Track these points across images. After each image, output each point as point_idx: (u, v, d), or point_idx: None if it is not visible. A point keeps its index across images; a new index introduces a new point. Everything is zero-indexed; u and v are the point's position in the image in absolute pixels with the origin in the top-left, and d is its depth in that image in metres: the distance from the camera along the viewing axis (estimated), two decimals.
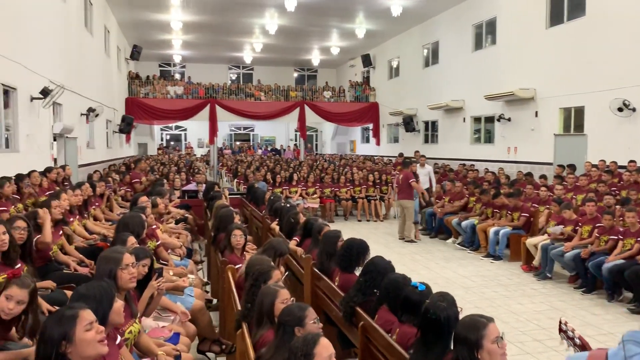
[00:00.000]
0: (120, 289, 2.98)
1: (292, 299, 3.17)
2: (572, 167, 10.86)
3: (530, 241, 8.35)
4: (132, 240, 4.00)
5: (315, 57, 28.36)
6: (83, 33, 14.09)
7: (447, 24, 19.12)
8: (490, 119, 16.51)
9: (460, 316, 2.83)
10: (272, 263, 4.10)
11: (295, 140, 33.51)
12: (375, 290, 3.81)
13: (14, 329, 3.00)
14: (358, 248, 4.31)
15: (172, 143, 34.00)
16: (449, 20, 18.96)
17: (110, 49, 18.84)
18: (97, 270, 3.06)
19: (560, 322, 2.82)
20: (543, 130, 13.88)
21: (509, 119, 15.35)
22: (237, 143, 34.90)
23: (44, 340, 2.10)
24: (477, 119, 17.47)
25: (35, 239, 4.50)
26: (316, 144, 35.55)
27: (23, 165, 8.00)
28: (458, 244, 10.16)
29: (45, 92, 9.10)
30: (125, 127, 19.98)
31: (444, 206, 11.05)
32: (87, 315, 2.17)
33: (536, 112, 14.18)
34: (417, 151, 15.43)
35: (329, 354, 2.33)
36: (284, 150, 31.84)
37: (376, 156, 24.05)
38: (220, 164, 24.36)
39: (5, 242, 3.72)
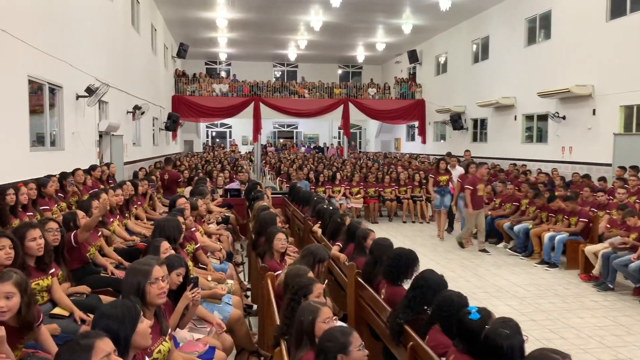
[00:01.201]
0: (148, 304, 2.77)
1: (335, 317, 2.90)
2: (636, 169, 10.12)
3: (590, 249, 7.80)
4: (165, 245, 3.81)
5: (360, 54, 27.96)
6: (130, 31, 14.22)
7: (498, 18, 18.40)
8: (543, 117, 15.76)
9: (526, 346, 2.50)
10: (312, 271, 3.85)
11: (339, 138, 33.25)
12: (425, 308, 3.50)
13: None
14: (407, 259, 3.99)
15: (217, 140, 34.34)
16: (500, 15, 18.25)
17: (157, 47, 19.04)
18: (124, 284, 2.87)
19: None
20: (601, 129, 13.10)
21: (563, 117, 14.59)
22: (281, 140, 34.92)
23: None
24: (529, 117, 16.73)
25: (73, 233, 4.39)
26: (360, 142, 35.17)
27: (68, 164, 8.03)
28: (509, 248, 9.64)
29: (90, 90, 9.14)
30: (171, 125, 20.18)
31: (495, 209, 10.55)
32: (104, 345, 1.96)
33: (594, 110, 13.39)
34: (467, 150, 14.88)
35: None
36: (327, 148, 31.61)
37: (422, 154, 23.49)
38: (264, 161, 24.39)
39: (42, 245, 3.60)
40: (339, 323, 3.31)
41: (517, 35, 17.05)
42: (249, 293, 6.33)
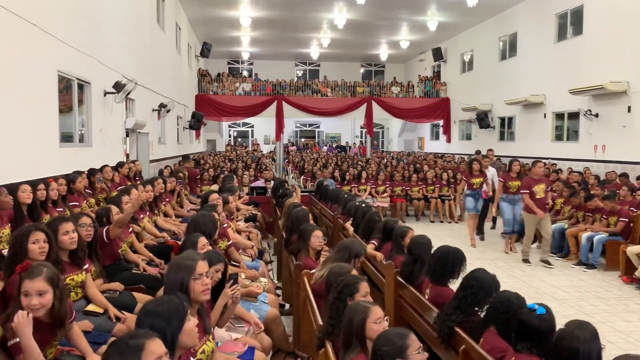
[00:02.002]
0: (192, 301, 2.62)
1: (386, 317, 2.72)
2: None
3: (632, 250, 7.46)
4: (203, 241, 3.68)
5: (383, 52, 27.67)
6: (155, 29, 14.21)
7: (526, 14, 18.00)
8: (574, 115, 15.34)
9: (603, 354, 2.29)
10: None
11: (361, 137, 32.99)
12: (476, 309, 3.30)
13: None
14: (453, 258, 3.79)
15: (239, 140, 34.36)
16: (528, 11, 17.85)
17: (181, 45, 19.06)
18: (166, 280, 2.72)
19: None
20: (637, 127, 12.67)
21: (596, 115, 14.17)
22: (302, 140, 34.80)
23: None
24: (559, 115, 16.31)
25: (105, 229, 4.29)
26: (382, 141, 34.87)
27: (96, 160, 7.99)
28: None
29: (118, 86, 9.11)
30: (195, 124, 20.21)
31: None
32: (154, 347, 1.80)
33: (629, 107, 12.96)
34: (490, 149, 14.55)
35: None
36: (350, 147, 31.38)
37: (446, 154, 23.12)
38: (287, 160, 24.29)
39: (75, 239, 3.49)
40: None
41: (547, 31, 16.65)
42: (279, 292, 6.18)
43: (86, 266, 3.66)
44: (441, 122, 25.26)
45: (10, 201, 4.59)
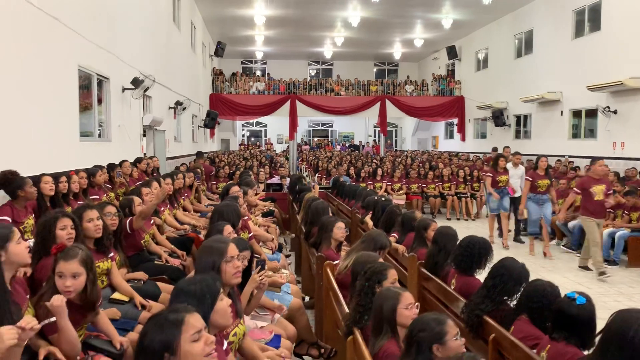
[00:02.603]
0: (223, 285, 2.60)
1: (417, 304, 2.69)
2: None
3: None
4: (229, 229, 3.67)
5: (397, 50, 27.56)
6: (171, 28, 14.27)
7: (543, 11, 17.82)
8: (591, 112, 15.15)
9: None
10: None
11: (374, 137, 32.87)
12: (505, 298, 3.25)
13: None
14: (480, 247, 3.75)
15: (252, 139, 34.42)
16: (545, 8, 17.66)
17: (196, 44, 19.13)
18: (198, 263, 2.71)
19: None
20: None
21: (614, 112, 13.98)
22: (315, 139, 34.76)
23: (143, 349, 1.72)
24: (576, 112, 16.12)
25: (129, 220, 4.30)
26: (395, 140, 34.73)
27: (115, 155, 8.03)
28: (564, 245, 9.23)
29: (136, 82, 9.14)
30: (210, 122, 20.26)
31: None
32: (194, 321, 1.78)
33: None
34: (507, 147, 14.41)
35: None
36: (363, 146, 31.29)
37: (461, 152, 22.96)
38: (300, 159, 24.28)
39: (100, 227, 3.50)
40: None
41: (564, 28, 16.46)
42: (299, 286, 6.16)
43: (111, 254, 3.67)
44: (455, 121, 25.10)
45: (35, 192, 4.62)
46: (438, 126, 28.72)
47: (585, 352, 2.55)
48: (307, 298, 5.54)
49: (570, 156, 15.34)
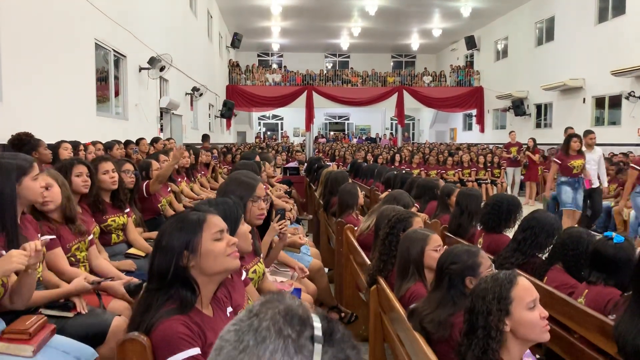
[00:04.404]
0: (246, 223, 2.49)
1: (445, 247, 2.55)
2: None
3: None
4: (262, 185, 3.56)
5: (414, 41, 27.27)
6: (188, 14, 14.23)
7: None
8: (615, 99, 14.80)
9: None
10: None
11: (391, 129, 32.60)
12: (536, 252, 3.10)
13: None
14: (509, 205, 3.58)
15: (268, 132, 34.38)
16: None
17: (212, 34, 19.10)
18: (224, 192, 2.60)
19: None
20: None
21: (639, 97, 13.63)
22: (332, 133, 34.58)
23: (161, 248, 1.62)
24: (599, 99, 15.76)
25: (145, 183, 4.23)
26: (413, 133, 34.41)
27: (131, 133, 8.00)
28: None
29: (152, 62, 9.11)
30: (227, 112, 20.24)
31: None
32: (217, 221, 1.68)
33: None
34: (531, 138, 14.13)
35: (532, 299, 1.71)
36: (380, 139, 31.05)
37: (479, 144, 22.64)
38: (317, 150, 24.18)
39: (115, 179, 3.42)
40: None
41: (586, 13, 16.10)
42: None
43: (127, 210, 3.59)
44: (474, 112, 24.77)
45: (49, 154, 4.57)
46: (456, 118, 28.38)
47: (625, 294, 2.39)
48: (326, 270, 5.42)
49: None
